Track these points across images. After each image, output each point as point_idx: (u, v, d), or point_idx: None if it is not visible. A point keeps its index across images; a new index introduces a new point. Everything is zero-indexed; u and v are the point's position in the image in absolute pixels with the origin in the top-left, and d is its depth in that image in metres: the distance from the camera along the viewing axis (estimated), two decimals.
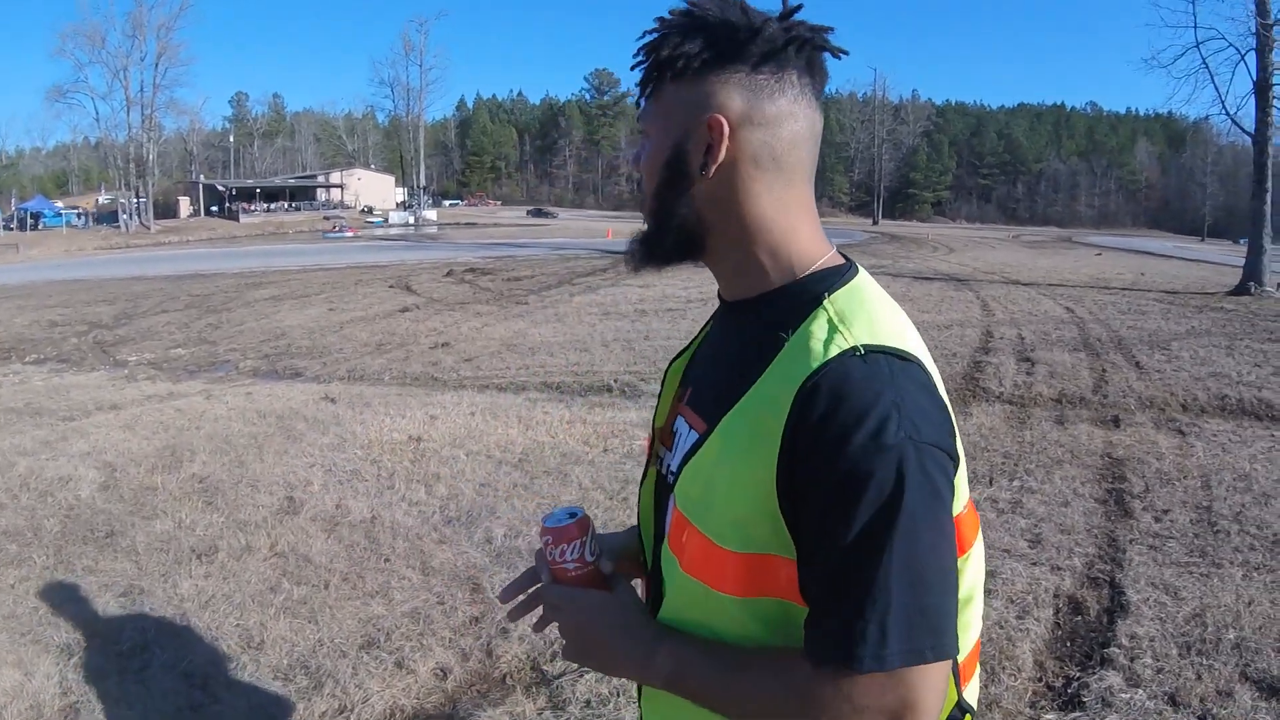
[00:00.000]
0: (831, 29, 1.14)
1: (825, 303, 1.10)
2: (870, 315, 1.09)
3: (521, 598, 1.38)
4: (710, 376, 1.23)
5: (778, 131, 1.13)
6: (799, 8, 1.13)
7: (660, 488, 1.28)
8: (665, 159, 1.15)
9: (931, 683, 0.96)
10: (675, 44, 1.12)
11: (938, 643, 0.95)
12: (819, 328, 1.06)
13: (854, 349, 1.02)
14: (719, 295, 1.28)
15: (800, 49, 1.12)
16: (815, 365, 1.01)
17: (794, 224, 1.16)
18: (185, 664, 3.82)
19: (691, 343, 1.40)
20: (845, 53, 1.18)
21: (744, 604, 1.08)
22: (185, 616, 4.26)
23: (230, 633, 4.10)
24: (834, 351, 1.02)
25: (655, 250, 1.20)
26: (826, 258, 1.17)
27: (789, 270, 1.16)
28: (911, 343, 1.09)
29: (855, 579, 0.95)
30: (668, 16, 1.15)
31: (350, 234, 60.17)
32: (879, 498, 0.95)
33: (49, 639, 4.05)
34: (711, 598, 1.09)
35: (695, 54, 1.11)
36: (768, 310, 1.14)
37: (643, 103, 1.18)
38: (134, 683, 3.67)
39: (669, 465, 1.24)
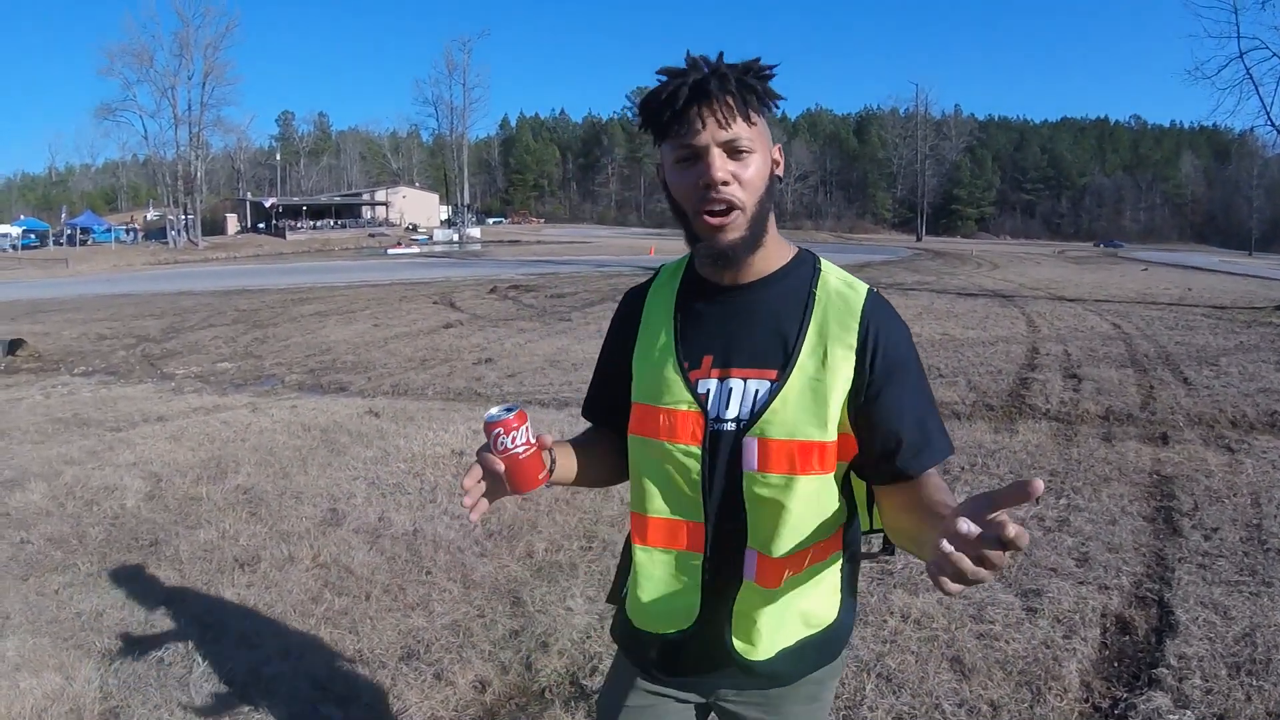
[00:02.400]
0: None
1: (824, 269, 1.66)
2: (845, 272, 1.69)
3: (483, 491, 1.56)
4: (743, 339, 1.61)
5: None
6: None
7: (713, 443, 1.60)
8: (769, 172, 1.58)
9: None
10: (766, 80, 1.53)
11: None
12: (838, 281, 1.64)
13: (871, 288, 1.63)
14: (706, 281, 1.68)
15: None
16: (864, 299, 1.60)
17: None
18: (225, 672, 3.85)
19: (648, 333, 1.73)
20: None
21: (835, 475, 1.60)
22: (226, 625, 4.29)
23: (271, 642, 4.12)
24: (864, 291, 1.62)
25: (755, 242, 1.58)
26: (791, 244, 1.70)
27: (788, 252, 1.67)
28: None
29: (933, 408, 1.62)
30: (756, 59, 1.54)
31: (416, 250, 60.70)
32: (919, 360, 1.64)
33: (91, 644, 4.10)
34: (825, 483, 1.59)
35: (776, 96, 1.55)
36: (787, 279, 1.64)
37: (736, 122, 1.50)
38: (174, 689, 3.70)
39: (726, 416, 1.59)
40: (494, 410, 1.54)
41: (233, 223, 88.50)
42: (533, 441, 1.54)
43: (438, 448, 7.44)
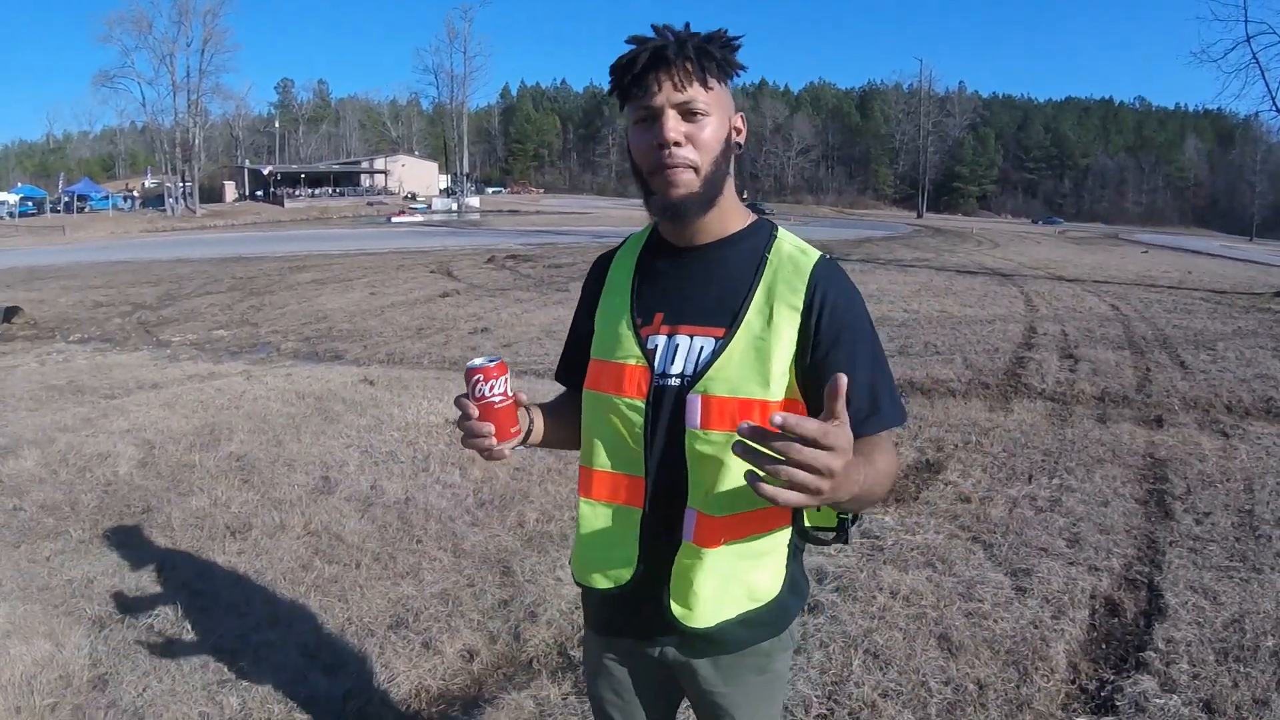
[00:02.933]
0: None
1: (779, 236, 1.71)
2: (802, 240, 1.72)
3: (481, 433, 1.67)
4: (693, 298, 1.67)
5: None
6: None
7: (657, 398, 1.65)
8: (726, 136, 1.62)
9: None
10: (728, 50, 1.60)
11: None
12: (791, 247, 1.69)
13: (824, 254, 1.67)
14: (665, 243, 1.74)
15: None
16: (813, 263, 1.64)
17: None
18: (215, 639, 3.86)
19: (609, 295, 1.83)
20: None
21: None
22: (217, 592, 4.30)
23: (260, 609, 4.13)
24: (815, 256, 1.66)
25: (708, 202, 1.62)
26: (751, 214, 1.76)
27: (746, 218, 1.73)
28: None
29: (885, 376, 1.62)
30: (721, 30, 1.61)
31: (419, 219, 60.53)
32: (872, 329, 1.64)
33: (81, 611, 4.10)
34: None
35: (736, 65, 1.63)
36: (742, 243, 1.69)
37: (691, 85, 1.56)
38: (163, 656, 3.71)
39: (671, 372, 1.64)
40: (477, 360, 1.61)
41: (231, 190, 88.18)
42: (509, 394, 1.62)
43: (432, 416, 7.44)
